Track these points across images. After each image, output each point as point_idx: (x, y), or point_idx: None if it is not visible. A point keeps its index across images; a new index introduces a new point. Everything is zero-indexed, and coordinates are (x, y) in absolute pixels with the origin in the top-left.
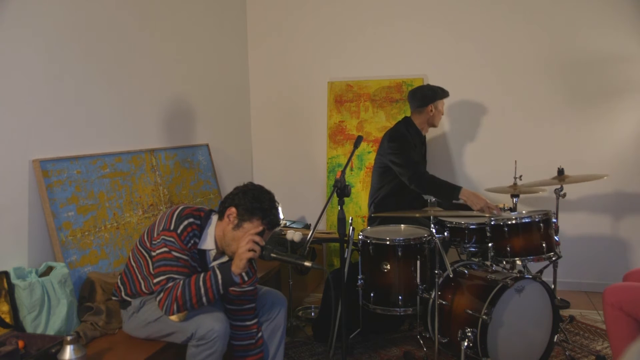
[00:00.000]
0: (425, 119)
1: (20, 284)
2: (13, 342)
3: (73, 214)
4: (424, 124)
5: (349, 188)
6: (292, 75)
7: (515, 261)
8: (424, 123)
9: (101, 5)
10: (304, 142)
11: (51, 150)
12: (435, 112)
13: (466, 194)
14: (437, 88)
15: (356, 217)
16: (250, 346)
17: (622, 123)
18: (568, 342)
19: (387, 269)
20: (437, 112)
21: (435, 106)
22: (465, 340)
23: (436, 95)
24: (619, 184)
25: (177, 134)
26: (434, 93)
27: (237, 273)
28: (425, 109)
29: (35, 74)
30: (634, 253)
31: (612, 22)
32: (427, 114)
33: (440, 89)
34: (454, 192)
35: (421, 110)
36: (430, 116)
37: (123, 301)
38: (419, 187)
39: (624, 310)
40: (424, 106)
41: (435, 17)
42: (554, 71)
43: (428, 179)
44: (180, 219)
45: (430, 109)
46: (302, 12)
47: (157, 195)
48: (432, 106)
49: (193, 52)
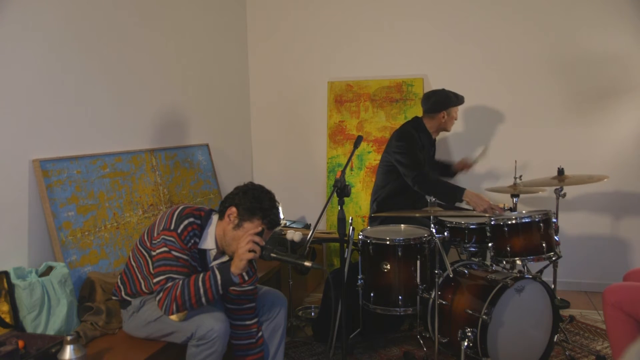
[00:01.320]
0: (437, 124)
1: (20, 284)
2: (13, 342)
3: (73, 214)
4: (435, 129)
5: (349, 188)
6: (292, 75)
7: (515, 261)
8: (435, 127)
9: (101, 5)
10: (304, 142)
11: (51, 150)
12: (448, 119)
13: (469, 195)
14: (452, 95)
15: (356, 217)
16: (250, 345)
17: (622, 123)
18: (568, 342)
19: (387, 269)
20: (450, 119)
21: (448, 113)
22: (465, 340)
23: (450, 103)
24: (619, 184)
25: (177, 134)
26: (448, 100)
27: (237, 273)
28: (437, 115)
29: (35, 74)
30: (634, 253)
31: (613, 22)
32: (438, 120)
33: (454, 96)
34: (457, 194)
35: (433, 115)
36: (442, 122)
37: (123, 301)
38: (422, 189)
39: (624, 310)
40: (436, 112)
41: (436, 17)
42: (554, 71)
43: (431, 181)
44: (180, 219)
45: (443, 116)
46: (302, 12)
47: (157, 195)
48: (445, 113)
49: (193, 52)
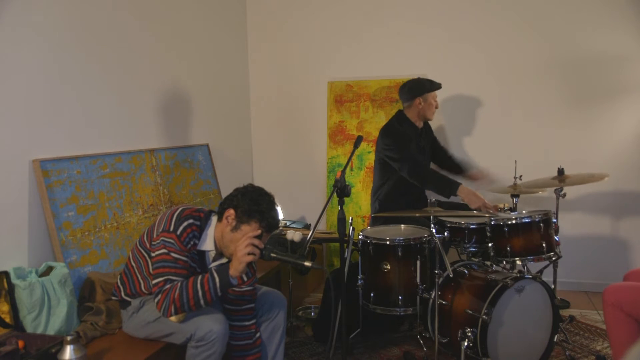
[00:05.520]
0: (416, 112)
1: (20, 284)
2: (13, 342)
3: (73, 214)
4: (416, 117)
5: (349, 188)
6: (292, 75)
7: (515, 261)
8: (416, 116)
9: (101, 5)
10: (304, 142)
11: (51, 150)
12: (425, 105)
13: (464, 191)
14: (425, 81)
15: (356, 217)
16: (248, 346)
17: (622, 123)
18: (568, 342)
19: (387, 269)
20: (428, 105)
21: (424, 99)
22: (465, 340)
23: (424, 88)
24: (619, 184)
25: (177, 134)
26: (422, 86)
27: (236, 276)
28: (413, 102)
29: (35, 74)
30: (634, 253)
31: (612, 22)
32: (416, 107)
33: (428, 82)
34: (452, 187)
35: (410, 103)
36: (420, 109)
37: (123, 301)
38: (418, 180)
39: (624, 310)
40: (412, 99)
41: (435, 17)
42: (554, 71)
43: (427, 172)
44: (179, 220)
45: (419, 102)
46: (302, 12)
47: (157, 195)
48: (421, 99)
49: (193, 52)
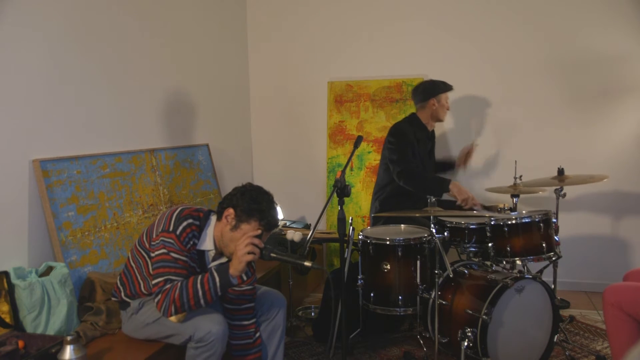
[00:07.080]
0: (429, 113)
1: (20, 284)
2: (13, 342)
3: (73, 214)
4: (429, 119)
5: (349, 188)
6: (292, 75)
7: (515, 261)
8: (429, 118)
9: (101, 5)
10: (304, 142)
11: (51, 150)
12: (439, 106)
13: (454, 185)
14: (439, 82)
15: (356, 217)
16: (247, 345)
17: (622, 123)
18: (568, 342)
19: (387, 269)
20: (440, 106)
21: (437, 100)
22: (465, 340)
23: (438, 89)
24: (619, 184)
25: (177, 134)
26: (436, 87)
27: (236, 275)
28: (427, 103)
29: (35, 74)
30: (634, 253)
31: (612, 22)
32: (430, 108)
33: (442, 83)
34: (443, 184)
35: (424, 104)
36: (434, 110)
37: (122, 302)
38: (407, 184)
39: (624, 310)
40: (426, 100)
41: (435, 17)
42: (554, 71)
43: (417, 176)
44: (179, 220)
45: (433, 103)
46: (302, 12)
47: (157, 195)
48: (435, 100)
49: (193, 52)
